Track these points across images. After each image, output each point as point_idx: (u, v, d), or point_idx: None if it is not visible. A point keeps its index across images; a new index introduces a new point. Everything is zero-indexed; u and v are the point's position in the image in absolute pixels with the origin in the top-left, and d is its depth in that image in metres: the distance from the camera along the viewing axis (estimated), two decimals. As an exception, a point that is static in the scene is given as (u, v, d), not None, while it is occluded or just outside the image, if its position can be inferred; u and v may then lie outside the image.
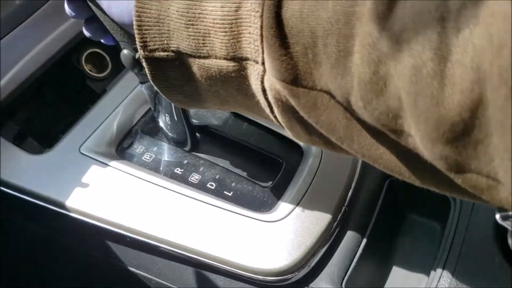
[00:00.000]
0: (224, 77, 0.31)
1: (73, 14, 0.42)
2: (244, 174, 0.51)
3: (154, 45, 0.32)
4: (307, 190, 0.48)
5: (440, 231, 0.51)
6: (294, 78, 0.27)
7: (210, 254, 0.45)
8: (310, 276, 0.46)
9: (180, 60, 0.32)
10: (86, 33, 0.44)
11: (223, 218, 0.47)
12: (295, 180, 0.50)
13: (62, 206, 0.49)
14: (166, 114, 0.50)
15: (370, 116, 0.25)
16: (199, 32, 0.30)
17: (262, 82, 0.29)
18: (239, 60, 0.30)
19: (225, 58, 0.30)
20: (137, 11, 0.32)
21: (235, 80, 0.31)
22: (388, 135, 0.25)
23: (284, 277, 0.44)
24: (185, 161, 0.53)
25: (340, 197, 0.49)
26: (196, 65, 0.32)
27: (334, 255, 0.47)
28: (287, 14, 0.26)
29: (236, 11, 0.28)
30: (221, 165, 0.52)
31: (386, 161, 0.27)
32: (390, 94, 0.23)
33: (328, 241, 0.47)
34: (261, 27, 0.27)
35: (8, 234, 0.58)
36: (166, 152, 0.53)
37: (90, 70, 0.61)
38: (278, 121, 0.32)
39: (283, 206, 0.47)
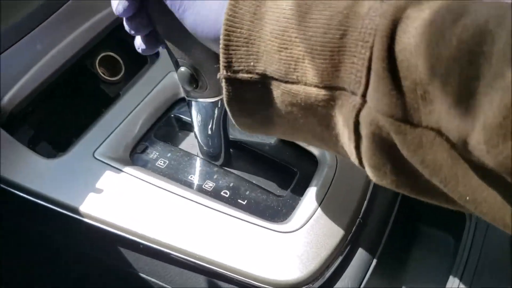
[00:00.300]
0: (310, 105, 0.30)
1: (132, 32, 0.41)
2: (259, 182, 0.51)
3: (239, 66, 0.31)
4: (322, 201, 0.48)
5: (455, 245, 0.51)
6: (403, 114, 0.26)
7: (223, 264, 0.45)
8: (324, 288, 0.45)
9: (263, 83, 0.31)
10: (142, 45, 0.42)
11: (237, 227, 0.46)
12: (309, 190, 0.49)
13: (74, 210, 0.49)
14: (206, 129, 0.50)
15: (492, 159, 0.23)
16: (292, 57, 0.29)
17: (357, 116, 0.28)
18: (332, 90, 0.28)
19: (316, 86, 0.29)
20: (226, 30, 0.30)
21: (320, 110, 0.30)
22: (503, 178, 0.24)
23: (298, 289, 0.44)
24: (199, 168, 0.53)
25: (354, 209, 0.48)
26: (280, 89, 0.31)
27: (348, 267, 0.47)
28: (399, 47, 0.25)
29: (341, 38, 0.27)
30: (235, 173, 0.52)
31: (491, 205, 0.26)
32: None
33: (343, 253, 0.46)
34: (370, 58, 0.26)
35: (21, 238, 0.58)
36: (180, 158, 0.53)
37: (103, 74, 0.61)
38: (360, 157, 0.30)
39: (298, 217, 0.47)
